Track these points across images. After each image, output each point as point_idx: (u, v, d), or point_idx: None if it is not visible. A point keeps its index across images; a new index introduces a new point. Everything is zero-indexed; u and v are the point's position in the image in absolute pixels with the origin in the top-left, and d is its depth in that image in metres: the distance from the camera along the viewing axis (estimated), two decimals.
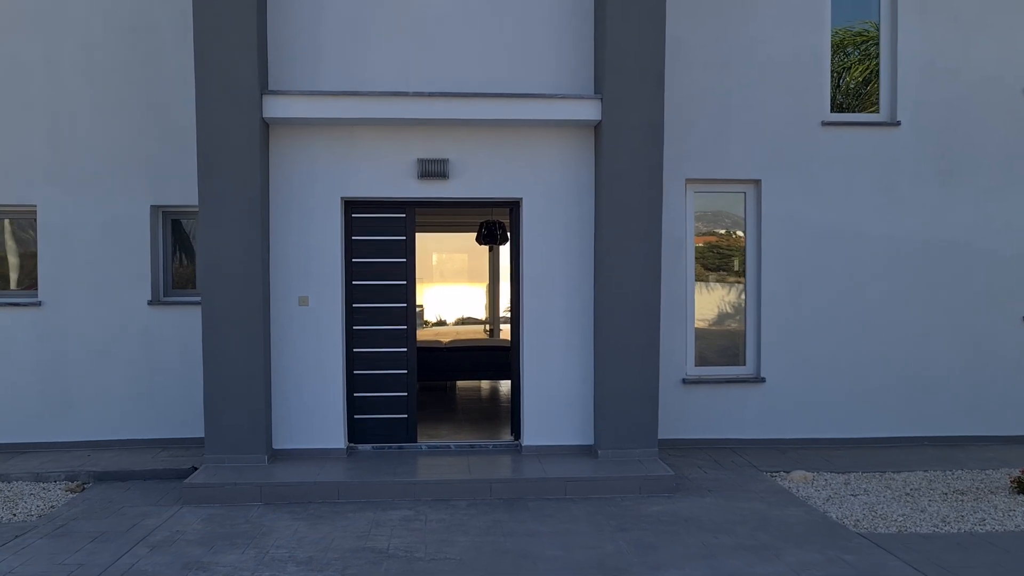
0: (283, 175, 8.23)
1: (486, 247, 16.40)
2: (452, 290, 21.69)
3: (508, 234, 8.84)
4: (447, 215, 14.59)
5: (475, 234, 13.70)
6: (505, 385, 12.73)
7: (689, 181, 9.26)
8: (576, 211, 8.44)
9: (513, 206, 8.67)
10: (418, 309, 20.37)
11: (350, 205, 8.52)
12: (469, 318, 19.70)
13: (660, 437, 8.63)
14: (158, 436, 9.00)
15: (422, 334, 15.38)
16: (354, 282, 8.56)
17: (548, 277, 8.46)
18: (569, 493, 7.57)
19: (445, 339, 13.22)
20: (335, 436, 8.35)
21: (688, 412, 9.29)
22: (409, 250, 8.62)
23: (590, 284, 8.47)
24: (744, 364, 9.51)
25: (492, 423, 9.96)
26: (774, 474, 8.35)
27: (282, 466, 7.97)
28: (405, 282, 8.63)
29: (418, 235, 8.77)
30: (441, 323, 20.08)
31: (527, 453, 8.45)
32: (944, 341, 9.48)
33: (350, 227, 8.53)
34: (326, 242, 8.31)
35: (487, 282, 17.36)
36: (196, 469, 7.98)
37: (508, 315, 18.12)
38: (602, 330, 8.22)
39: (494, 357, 11.87)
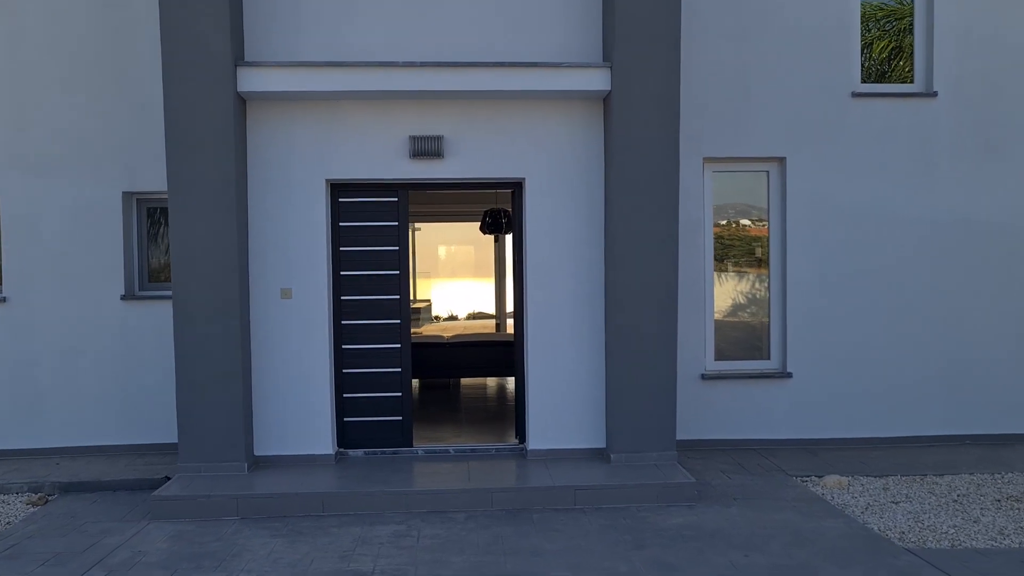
0: (262, 155, 7.43)
1: (491, 238, 15.59)
2: (460, 285, 20.98)
3: (513, 238, 8.03)
4: (448, 203, 13.80)
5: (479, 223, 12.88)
6: (513, 383, 11.89)
7: (707, 160, 8.41)
8: (584, 192, 7.61)
9: (515, 188, 7.84)
10: (425, 304, 19.93)
11: (336, 188, 7.71)
12: (480, 313, 19.04)
13: (678, 438, 7.78)
14: (135, 442, 8.23)
15: (424, 329, 14.61)
16: (342, 272, 7.76)
17: (554, 265, 7.64)
18: (579, 503, 6.75)
19: (448, 334, 12.40)
20: (322, 441, 7.55)
21: (707, 411, 8.45)
22: (402, 237, 7.80)
23: (600, 272, 7.64)
24: (768, 358, 8.66)
25: (496, 424, 9.15)
26: (805, 479, 7.51)
27: (263, 475, 7.18)
28: (398, 272, 7.81)
29: (422, 226, 7.97)
30: (452, 318, 19.42)
31: (532, 457, 7.63)
32: (988, 330, 8.59)
33: (337, 212, 7.72)
34: (310, 229, 7.50)
35: (493, 275, 16.52)
36: (169, 479, 7.20)
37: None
38: (614, 322, 7.39)
39: (500, 352, 11.05)
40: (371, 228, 7.77)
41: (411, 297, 17.64)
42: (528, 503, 6.73)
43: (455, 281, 21.34)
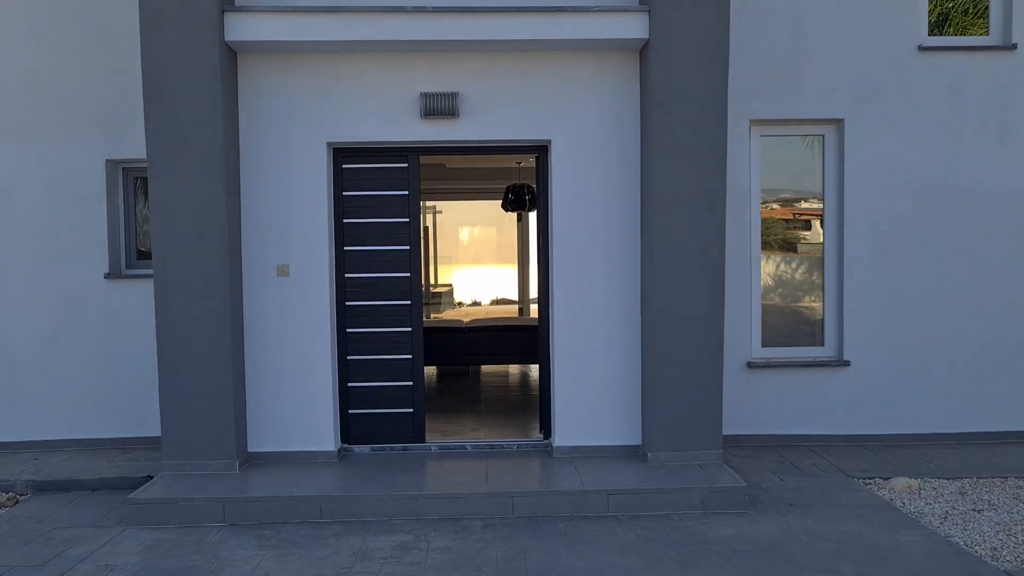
0: (255, 115, 6.54)
1: (514, 219, 14.66)
2: (483, 272, 20.18)
3: (537, 208, 7.07)
4: (467, 179, 12.84)
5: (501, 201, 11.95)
6: (535, 370, 10.98)
7: (754, 123, 7.41)
8: (618, 156, 6.65)
9: (540, 152, 6.89)
10: (447, 289, 19.11)
11: (339, 153, 6.80)
12: (503, 299, 18.25)
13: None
14: (120, 435, 7.39)
15: (445, 314, 13.76)
16: (346, 248, 6.86)
17: (584, 238, 6.69)
18: (613, 510, 5.82)
19: (467, 318, 11.48)
20: (324, 436, 6.67)
21: (754, 402, 7.48)
22: (413, 207, 6.88)
23: (636, 246, 6.69)
24: (822, 344, 7.66)
25: (518, 417, 8.23)
26: (868, 481, 6.54)
27: (256, 475, 6.31)
28: (408, 247, 6.89)
29: (443, 208, 7.02)
30: (476, 304, 18.66)
31: (559, 455, 6.71)
32: None
33: (340, 180, 6.81)
34: (310, 198, 6.60)
35: (516, 259, 15.59)
36: (151, 479, 6.36)
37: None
38: (652, 302, 6.44)
39: (522, 338, 10.14)
40: (378, 198, 6.85)
41: (423, 277, 16.93)
42: (554, 509, 5.81)
43: (478, 268, 20.56)
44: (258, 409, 6.63)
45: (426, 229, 17.14)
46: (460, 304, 18.56)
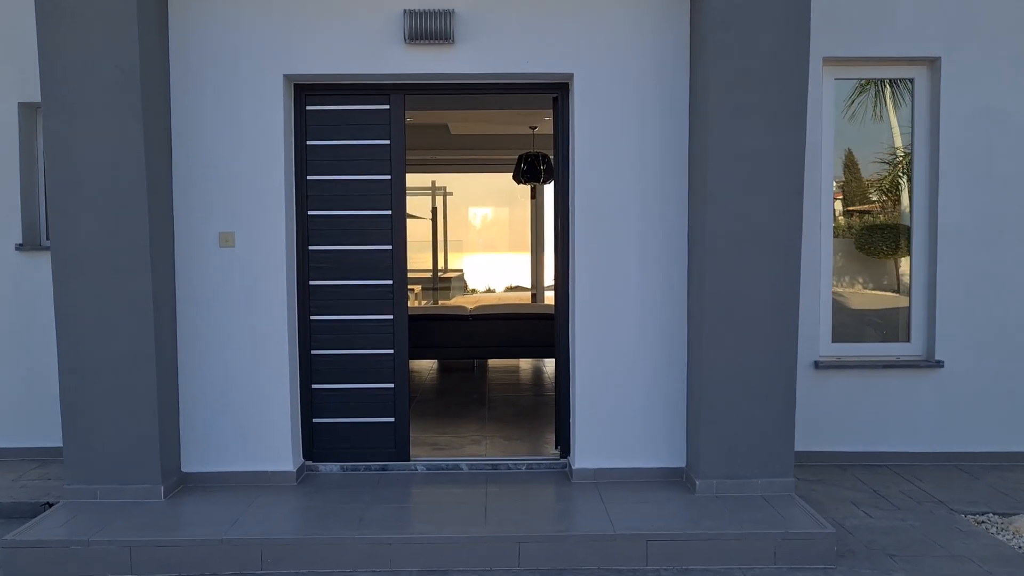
0: (191, 41, 4.96)
1: (526, 200, 13.09)
2: (495, 258, 18.74)
3: (553, 165, 5.40)
4: (475, 148, 11.19)
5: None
6: (551, 366, 9.39)
7: (827, 61, 5.77)
8: (659, 95, 5.05)
9: (558, 92, 5.30)
10: (457, 274, 17.64)
11: (302, 91, 5.23)
12: (518, 286, 16.84)
13: None
14: (38, 444, 5.86)
15: (454, 301, 12.25)
16: (310, 212, 5.29)
17: (613, 203, 5.10)
18: (654, 561, 4.24)
19: (471, 305, 9.91)
20: (279, 453, 5.12)
21: (822, 411, 5.87)
22: (396, 161, 5.30)
23: (682, 212, 5.09)
24: (908, 339, 6.03)
25: (529, 424, 6.65)
26: (979, 518, 4.93)
27: (188, 504, 4.78)
28: (390, 212, 5.32)
29: (451, 185, 5.46)
30: (490, 291, 17.24)
31: (579, 479, 5.14)
32: None
33: (303, 125, 5.25)
34: (262, 148, 5.03)
35: (529, 240, 14.02)
36: (51, 506, 4.82)
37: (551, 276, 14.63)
38: (704, 285, 4.83)
39: (535, 328, 8.56)
40: (352, 148, 5.28)
41: (433, 261, 15.65)
42: (574, 560, 4.23)
43: (489, 255, 19.14)
44: (195, 418, 5.09)
45: (434, 210, 15.66)
46: (473, 291, 17.14)
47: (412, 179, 14.01)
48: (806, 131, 4.75)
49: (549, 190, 12.29)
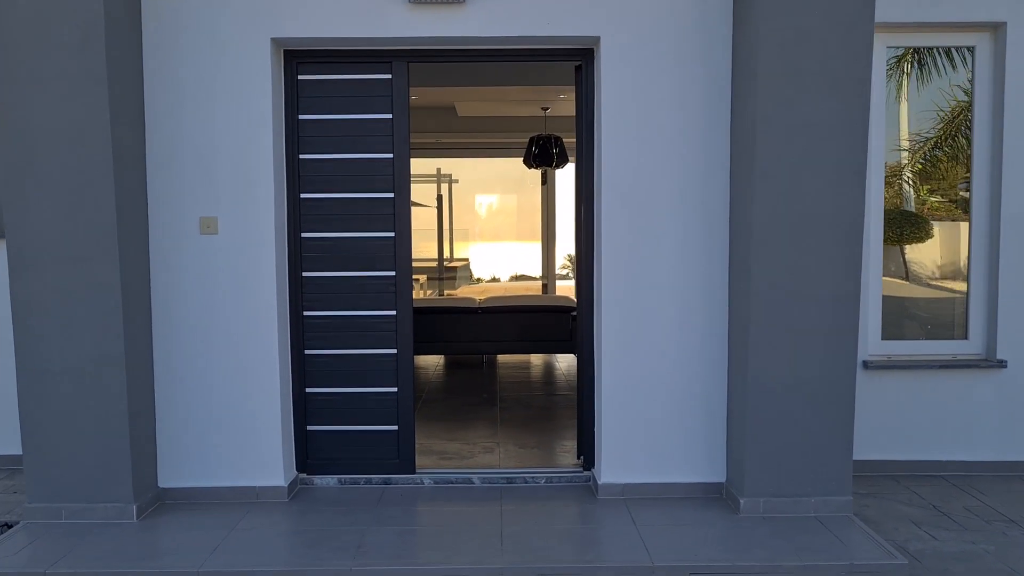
0: (165, 2, 4.36)
1: (536, 186, 12.44)
2: (503, 247, 18.19)
3: (576, 143, 4.75)
4: (483, 130, 10.53)
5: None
6: (566, 361, 8.79)
7: (880, 28, 5.11)
8: (699, 60, 4.41)
9: (582, 59, 4.66)
10: (463, 263, 17.07)
11: (293, 58, 4.60)
12: (523, 275, 16.30)
13: None
14: (7, 452, 5.27)
15: (459, 291, 11.65)
16: (302, 195, 4.67)
17: (645, 183, 4.47)
18: None
19: (480, 297, 9.28)
20: (269, 466, 4.52)
21: (872, 415, 5.22)
22: (399, 138, 4.67)
23: (722, 193, 4.46)
24: (966, 337, 5.40)
25: (545, 428, 6.03)
26: None
27: (163, 526, 4.17)
28: (392, 194, 4.69)
29: (457, 172, 4.89)
30: (495, 280, 16.70)
31: (607, 496, 4.53)
32: None
33: (294, 97, 4.62)
34: (248, 123, 4.41)
35: (540, 227, 13.40)
36: (9, 527, 4.22)
37: (566, 267, 14.08)
38: (749, 275, 4.20)
39: (549, 321, 7.95)
40: (349, 123, 4.65)
41: (439, 250, 15.09)
42: None
43: (497, 244, 18.57)
44: (174, 427, 4.48)
45: (440, 198, 15.07)
46: (479, 280, 16.57)
47: (417, 166, 13.44)
48: (870, 100, 4.11)
49: (561, 175, 11.66)
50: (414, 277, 5.31)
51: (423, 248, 14.36)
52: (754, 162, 4.09)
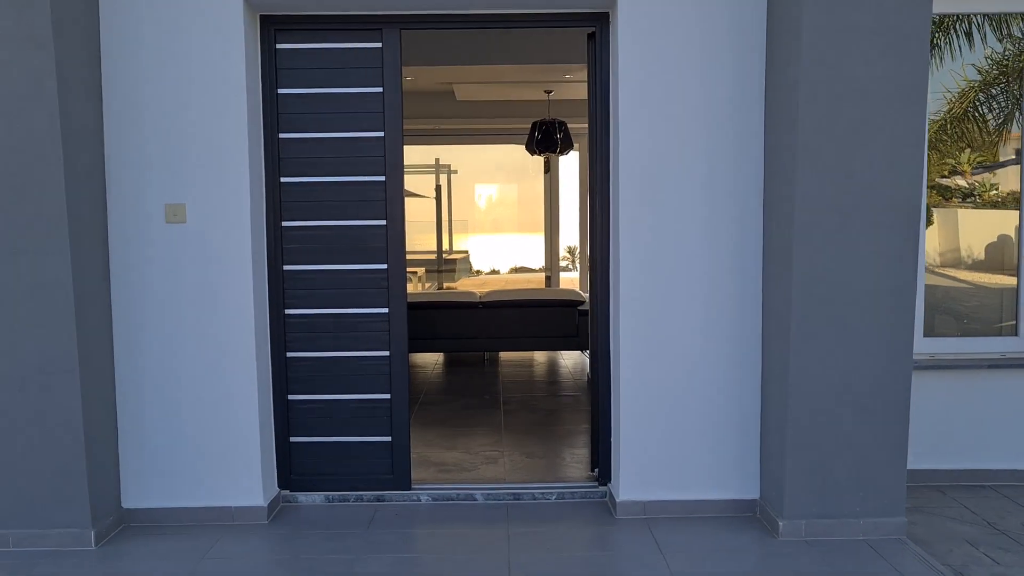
0: None
1: (539, 175, 11.92)
2: (504, 239, 17.75)
3: (589, 119, 4.20)
4: (483, 116, 9.97)
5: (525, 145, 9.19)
6: (571, 358, 8.25)
7: None
8: (729, 21, 3.87)
9: (596, 24, 4.12)
10: (463, 255, 16.60)
11: (271, 24, 4.05)
12: (524, 267, 15.87)
13: None
14: None
15: (459, 284, 11.14)
16: (282, 179, 4.13)
17: (667, 162, 3.93)
18: None
19: (481, 290, 8.76)
20: (247, 483, 3.99)
21: (915, 420, 4.65)
22: (391, 114, 4.12)
23: (758, 173, 3.93)
24: (1015, 333, 4.89)
25: (554, 436, 5.49)
26: None
27: (124, 554, 3.65)
28: (384, 178, 4.15)
29: (456, 162, 4.45)
30: (494, 272, 16.21)
31: (626, 515, 4.00)
32: None
33: (272, 68, 4.08)
34: (220, 97, 3.86)
35: (543, 216, 12.90)
36: None
37: (566, 260, 13.53)
38: (787, 265, 3.67)
39: (554, 316, 7.42)
40: (335, 98, 4.11)
41: (437, 242, 14.63)
42: None
43: (498, 235, 18.13)
44: (139, 441, 3.95)
45: (438, 188, 14.56)
46: (479, 272, 16.11)
47: (415, 155, 12.93)
48: (929, 61, 3.58)
49: (564, 163, 11.13)
50: (412, 270, 4.79)
51: (421, 240, 13.89)
52: (796, 135, 3.55)
